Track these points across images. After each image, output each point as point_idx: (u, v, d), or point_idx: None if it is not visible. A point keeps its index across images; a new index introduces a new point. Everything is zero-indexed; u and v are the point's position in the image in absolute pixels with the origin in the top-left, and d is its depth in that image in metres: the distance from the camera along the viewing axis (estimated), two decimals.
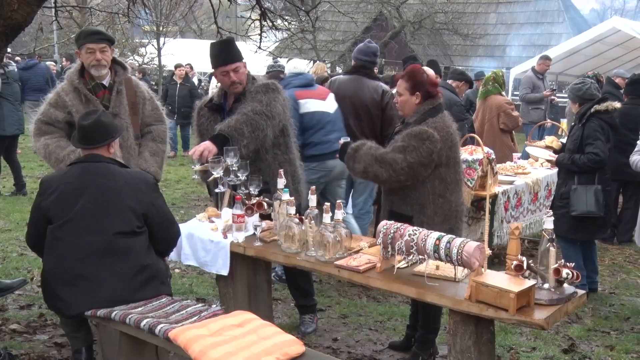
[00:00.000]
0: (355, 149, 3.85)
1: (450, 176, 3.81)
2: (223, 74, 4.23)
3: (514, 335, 4.59)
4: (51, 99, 4.26)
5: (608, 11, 41.83)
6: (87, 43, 4.15)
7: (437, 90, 3.86)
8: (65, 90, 4.21)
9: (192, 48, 20.99)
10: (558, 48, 14.45)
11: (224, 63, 4.22)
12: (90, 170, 3.46)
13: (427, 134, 3.68)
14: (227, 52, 4.26)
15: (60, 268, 3.33)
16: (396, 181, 3.75)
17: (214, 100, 4.41)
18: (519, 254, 2.99)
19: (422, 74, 3.86)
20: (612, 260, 6.63)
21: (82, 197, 3.37)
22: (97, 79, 4.22)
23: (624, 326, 4.89)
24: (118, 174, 3.48)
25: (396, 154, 3.68)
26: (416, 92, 3.79)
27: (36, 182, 9.40)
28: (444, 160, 3.75)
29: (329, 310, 5.03)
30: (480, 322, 3.01)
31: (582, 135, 5.14)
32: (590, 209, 5.02)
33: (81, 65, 4.25)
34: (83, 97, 4.17)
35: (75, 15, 14.86)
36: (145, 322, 3.06)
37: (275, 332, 3.02)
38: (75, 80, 4.19)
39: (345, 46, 21.02)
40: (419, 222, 3.71)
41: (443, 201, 3.79)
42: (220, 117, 4.32)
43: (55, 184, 3.43)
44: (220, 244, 3.82)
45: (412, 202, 3.80)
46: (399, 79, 3.90)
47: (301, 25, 14.70)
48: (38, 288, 4.89)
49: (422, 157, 3.66)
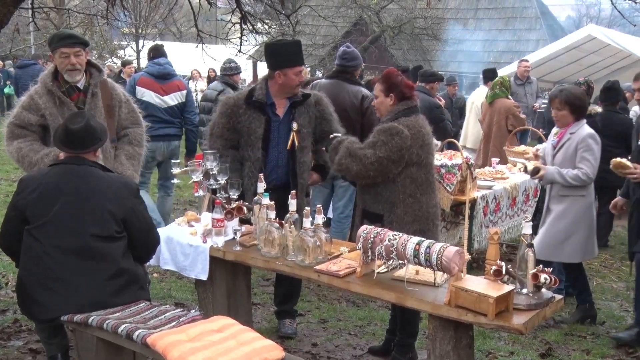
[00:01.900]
0: (339, 141, 3.96)
1: (422, 177, 3.87)
2: (297, 74, 4.21)
3: (492, 340, 4.62)
4: (24, 102, 4.18)
5: (584, 19, 42.41)
6: (60, 47, 4.07)
7: (412, 92, 3.94)
8: (39, 93, 4.13)
9: (172, 51, 20.87)
10: (535, 54, 14.60)
11: (302, 62, 4.29)
12: (72, 172, 3.42)
13: (397, 130, 3.76)
14: (302, 52, 4.34)
15: (36, 270, 3.28)
16: (365, 176, 3.84)
17: (256, 97, 4.26)
18: (498, 259, 3.02)
19: (396, 76, 3.95)
20: (588, 264, 6.68)
21: (61, 199, 3.33)
22: (72, 82, 4.17)
23: (599, 330, 4.94)
24: (100, 178, 3.44)
25: (366, 149, 3.78)
26: (390, 94, 3.89)
27: (11, 185, 9.29)
28: (415, 159, 3.82)
29: (309, 315, 5.02)
30: (459, 327, 3.03)
31: None
32: None
33: (55, 68, 4.18)
34: (57, 99, 4.10)
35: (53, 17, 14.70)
36: (123, 327, 3.03)
37: (254, 338, 3.00)
38: (49, 83, 4.12)
39: (326, 50, 21.07)
40: (389, 220, 3.82)
41: (413, 201, 3.85)
42: (264, 117, 4.24)
43: (35, 183, 3.37)
44: (199, 248, 3.80)
45: (383, 200, 3.87)
46: (376, 82, 4.00)
47: (282, 29, 14.68)
48: (13, 293, 4.81)
49: (391, 152, 3.74)
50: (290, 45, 4.34)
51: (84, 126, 3.47)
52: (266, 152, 4.27)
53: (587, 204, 4.83)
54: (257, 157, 4.24)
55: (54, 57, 4.17)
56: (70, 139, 3.47)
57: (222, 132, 4.27)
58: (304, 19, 18.95)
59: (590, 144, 4.72)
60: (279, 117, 4.31)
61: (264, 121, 4.25)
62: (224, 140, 4.27)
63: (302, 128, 4.32)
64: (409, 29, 20.64)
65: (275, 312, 4.73)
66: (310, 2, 20.45)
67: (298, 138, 4.29)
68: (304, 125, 4.33)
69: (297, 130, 4.29)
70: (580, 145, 4.71)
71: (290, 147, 4.29)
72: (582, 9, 44.75)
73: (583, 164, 4.69)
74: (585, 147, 4.70)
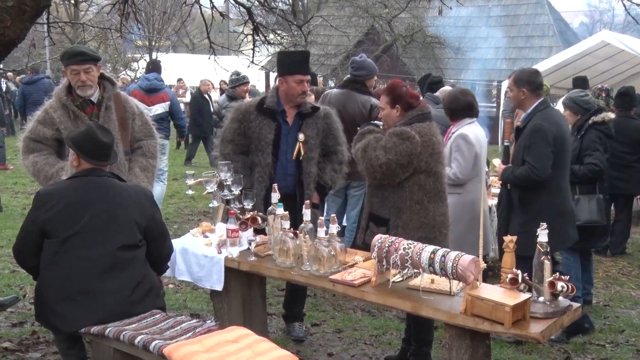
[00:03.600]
0: (369, 130, 4.02)
1: (430, 185, 3.87)
2: (297, 82, 4.26)
3: (510, 349, 4.58)
4: (39, 117, 4.22)
5: (597, 25, 42.19)
6: (71, 64, 4.12)
7: (418, 102, 3.95)
8: (54, 107, 4.18)
9: (185, 62, 21.06)
10: (548, 61, 14.52)
11: (305, 72, 4.33)
12: (95, 184, 3.46)
13: (409, 135, 3.78)
14: (307, 63, 4.41)
15: (62, 282, 3.29)
16: (372, 176, 3.89)
17: (268, 104, 4.33)
18: (514, 267, 3.00)
19: (401, 87, 3.96)
20: (606, 272, 6.64)
21: (89, 211, 3.36)
22: (85, 96, 4.21)
23: (619, 339, 4.89)
24: (120, 188, 3.50)
25: (378, 150, 3.80)
26: (396, 105, 3.90)
27: (28, 197, 9.38)
28: (424, 166, 3.82)
29: (324, 324, 5.01)
30: (476, 336, 3.00)
31: (581, 146, 5.19)
32: (594, 218, 5.07)
33: (69, 82, 4.22)
34: (71, 113, 4.14)
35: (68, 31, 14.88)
36: (139, 338, 3.04)
37: (270, 348, 3.00)
38: (63, 97, 4.16)
39: (338, 60, 21.10)
40: (395, 225, 3.84)
41: (420, 208, 3.85)
42: (275, 124, 4.30)
43: (56, 198, 3.39)
44: (214, 259, 3.81)
45: (390, 205, 3.89)
46: (381, 94, 4.03)
47: (293, 39, 14.75)
48: (31, 305, 4.85)
49: (400, 157, 3.75)
50: (295, 54, 4.44)
51: (113, 139, 3.60)
52: (276, 158, 4.32)
53: (465, 201, 4.77)
54: (267, 163, 4.29)
55: (66, 73, 4.22)
56: (100, 152, 3.51)
57: (233, 136, 4.34)
58: (315, 29, 19.04)
59: (459, 144, 4.78)
60: (288, 125, 4.36)
61: (274, 127, 4.30)
62: (234, 145, 4.34)
63: (310, 139, 4.36)
64: (421, 37, 20.64)
65: (283, 316, 4.76)
66: (322, 13, 20.57)
67: (305, 148, 4.33)
68: (312, 136, 4.37)
69: (305, 141, 4.33)
70: (452, 145, 4.81)
71: (296, 156, 4.33)
72: (596, 15, 44.55)
73: (453, 163, 4.78)
74: (455, 147, 4.80)
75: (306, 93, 4.36)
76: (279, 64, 4.43)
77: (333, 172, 4.50)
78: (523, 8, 22.08)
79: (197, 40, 27.83)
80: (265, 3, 6.22)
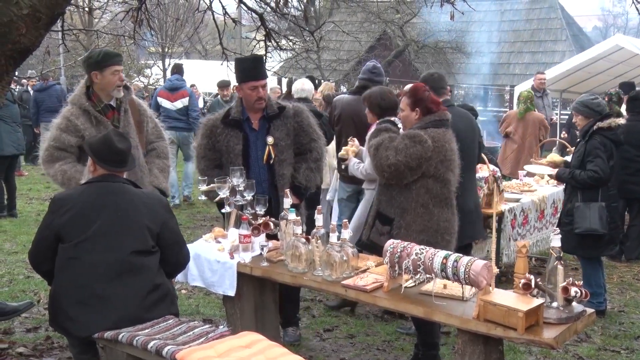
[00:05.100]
0: (385, 128, 4.06)
1: (437, 190, 3.88)
2: (251, 89, 4.24)
3: (523, 355, 4.55)
4: (61, 124, 4.19)
5: (611, 29, 41.91)
6: (114, 65, 4.17)
7: (438, 108, 3.95)
8: (75, 114, 4.17)
9: (198, 68, 21.15)
10: (561, 66, 14.45)
11: (256, 78, 4.27)
12: (109, 189, 3.48)
13: (421, 138, 3.80)
14: (260, 68, 4.36)
15: (74, 287, 3.32)
16: (381, 175, 3.94)
17: (232, 116, 4.34)
18: (527, 272, 2.98)
19: (423, 91, 3.98)
20: (621, 277, 6.58)
21: (101, 216, 3.39)
22: (105, 100, 4.24)
23: (634, 345, 4.84)
24: (134, 194, 3.52)
25: (390, 150, 3.83)
26: (416, 108, 3.92)
27: (42, 204, 9.45)
28: (432, 172, 3.84)
29: (336, 330, 5.00)
30: (488, 342, 2.99)
31: (585, 151, 5.14)
32: (594, 226, 4.99)
33: (87, 88, 4.23)
34: (94, 119, 4.16)
35: (82, 38, 15.00)
36: (152, 343, 3.06)
37: (282, 353, 3.01)
38: (85, 103, 4.17)
39: (350, 65, 21.14)
40: (398, 226, 3.88)
41: (424, 211, 3.86)
42: (241, 133, 4.30)
43: (71, 202, 3.42)
44: (227, 264, 3.82)
45: (396, 205, 3.92)
46: (403, 96, 4.04)
47: (306, 45, 14.78)
48: (45, 310, 4.88)
49: (410, 159, 3.77)
50: (247, 61, 4.39)
51: (130, 145, 3.63)
52: (248, 167, 4.28)
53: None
54: None
55: (98, 75, 4.16)
56: (116, 158, 3.54)
57: (204, 152, 4.40)
58: (327, 35, 19.07)
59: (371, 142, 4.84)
60: (255, 131, 4.34)
61: (241, 137, 4.29)
62: (207, 160, 4.38)
63: (279, 141, 4.33)
64: (433, 42, 20.62)
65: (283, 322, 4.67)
66: (334, 18, 20.61)
67: (275, 151, 4.31)
68: (281, 138, 4.33)
69: (274, 143, 4.31)
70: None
71: (266, 160, 4.32)
72: (609, 19, 44.22)
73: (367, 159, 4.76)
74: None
75: (263, 98, 4.28)
76: (235, 71, 4.39)
77: (309, 171, 4.41)
78: (536, 12, 22.01)
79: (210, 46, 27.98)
80: (277, 9, 6.24)
